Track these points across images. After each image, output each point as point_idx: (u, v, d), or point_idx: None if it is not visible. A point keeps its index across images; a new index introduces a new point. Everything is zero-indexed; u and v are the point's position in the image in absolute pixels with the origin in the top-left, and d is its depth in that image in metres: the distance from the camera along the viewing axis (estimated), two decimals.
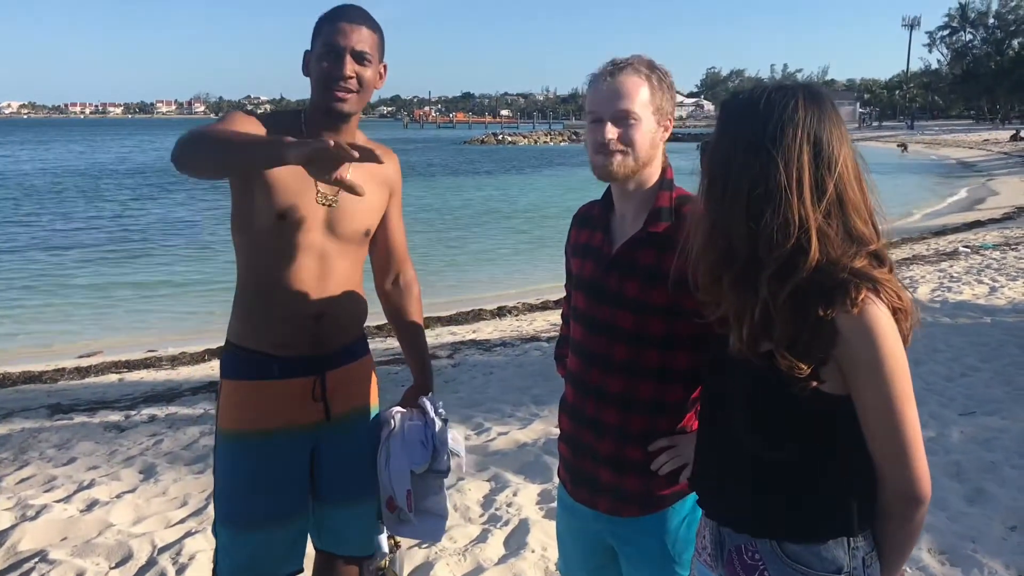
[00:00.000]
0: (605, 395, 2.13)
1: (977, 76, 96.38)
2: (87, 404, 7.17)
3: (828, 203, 1.59)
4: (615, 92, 2.05)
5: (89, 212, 27.78)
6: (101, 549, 4.03)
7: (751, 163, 1.59)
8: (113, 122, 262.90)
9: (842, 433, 1.62)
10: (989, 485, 4.37)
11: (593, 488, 2.19)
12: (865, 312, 1.54)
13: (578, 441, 2.22)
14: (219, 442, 2.49)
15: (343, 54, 2.34)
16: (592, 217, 2.28)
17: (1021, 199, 23.66)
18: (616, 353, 2.11)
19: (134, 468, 5.21)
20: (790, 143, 1.57)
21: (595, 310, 2.16)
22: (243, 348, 2.46)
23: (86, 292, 14.84)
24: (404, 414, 2.65)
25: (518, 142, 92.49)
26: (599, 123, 2.06)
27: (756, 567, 1.68)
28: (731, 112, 1.67)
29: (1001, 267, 11.62)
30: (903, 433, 1.58)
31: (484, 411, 6.25)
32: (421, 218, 26.18)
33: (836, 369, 1.57)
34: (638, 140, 2.05)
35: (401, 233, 2.74)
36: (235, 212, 2.44)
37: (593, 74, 2.11)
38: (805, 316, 1.56)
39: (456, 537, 4.05)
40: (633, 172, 2.09)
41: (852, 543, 1.65)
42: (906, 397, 1.58)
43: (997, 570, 3.52)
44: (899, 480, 1.60)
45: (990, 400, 5.78)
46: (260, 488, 2.44)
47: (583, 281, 2.22)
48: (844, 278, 1.56)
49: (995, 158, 44.09)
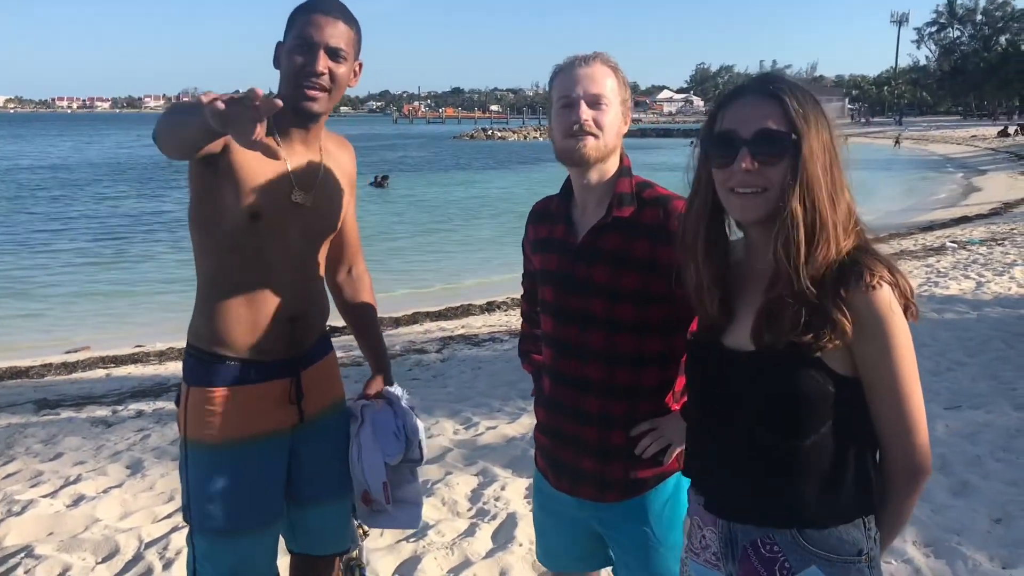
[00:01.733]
0: (584, 383, 2.16)
1: (965, 72, 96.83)
2: (74, 399, 7.14)
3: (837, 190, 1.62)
4: (589, 77, 2.11)
5: (74, 207, 27.64)
6: (88, 544, 4.02)
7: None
8: (101, 116, 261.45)
9: (852, 414, 1.64)
10: (974, 478, 4.39)
11: (576, 476, 2.21)
12: (879, 292, 1.57)
13: (559, 431, 2.24)
14: (189, 452, 2.36)
15: (316, 49, 2.23)
16: (550, 212, 2.30)
17: (1008, 195, 23.79)
18: (591, 341, 2.13)
19: (121, 463, 5.19)
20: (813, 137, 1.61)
21: (565, 300, 2.18)
22: (211, 353, 2.33)
23: (72, 288, 14.79)
24: (370, 406, 2.62)
25: (507, 137, 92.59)
26: (571, 107, 2.10)
27: (776, 559, 1.66)
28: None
29: (987, 262, 11.69)
30: (911, 409, 1.63)
31: (472, 406, 6.26)
32: (410, 213, 26.19)
33: (845, 349, 1.60)
34: (607, 125, 2.11)
35: (355, 226, 2.70)
36: (198, 210, 2.31)
37: (560, 65, 2.18)
38: (822, 300, 1.58)
39: (444, 531, 4.05)
40: (601, 157, 2.13)
41: (867, 523, 1.66)
42: (914, 374, 1.62)
43: (981, 562, 3.54)
44: (906, 455, 1.65)
45: (975, 394, 5.81)
46: (241, 499, 2.35)
47: (549, 274, 2.24)
48: (857, 260, 1.59)
49: (983, 154, 44.32)
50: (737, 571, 1.73)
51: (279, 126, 2.30)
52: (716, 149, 1.66)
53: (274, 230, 2.30)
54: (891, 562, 3.57)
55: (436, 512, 4.31)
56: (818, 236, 1.58)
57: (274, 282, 2.34)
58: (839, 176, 1.63)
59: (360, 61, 2.40)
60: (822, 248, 1.58)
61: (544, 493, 2.37)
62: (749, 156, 1.60)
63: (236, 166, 2.21)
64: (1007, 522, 3.91)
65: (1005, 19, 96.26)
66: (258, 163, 2.23)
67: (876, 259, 1.61)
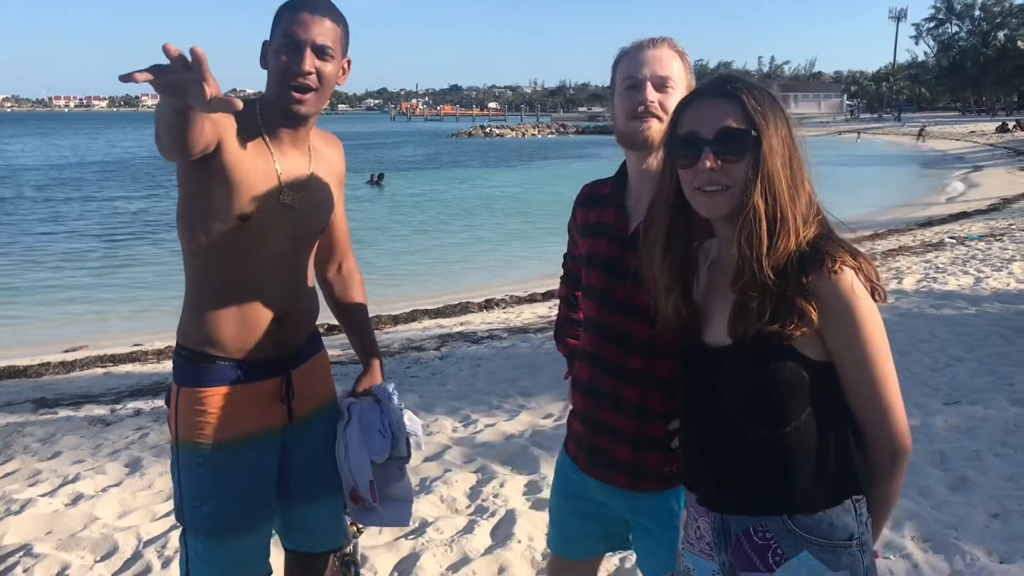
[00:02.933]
0: (624, 373, 2.15)
1: (963, 68, 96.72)
2: (72, 398, 7.13)
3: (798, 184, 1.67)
4: (656, 59, 2.10)
5: (73, 205, 27.63)
6: (86, 542, 4.02)
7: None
8: (98, 115, 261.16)
9: (829, 398, 1.67)
10: (972, 473, 4.40)
11: (610, 464, 2.20)
12: (842, 276, 1.61)
13: (595, 418, 2.22)
14: (181, 453, 2.37)
15: (303, 48, 2.20)
16: (602, 196, 2.28)
17: (1006, 190, 23.79)
18: (636, 332, 2.11)
19: (119, 462, 5.19)
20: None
21: (613, 288, 2.16)
22: (201, 353, 2.33)
23: (70, 286, 14.77)
24: (356, 403, 2.61)
25: (505, 135, 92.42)
26: (636, 88, 2.09)
27: (768, 546, 1.70)
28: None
29: (986, 258, 11.68)
30: (885, 389, 1.66)
31: (471, 403, 6.25)
32: (407, 211, 26.17)
33: (816, 335, 1.64)
34: (672, 109, 2.04)
35: (345, 222, 2.69)
36: (186, 210, 2.30)
37: (626, 47, 2.17)
38: (786, 288, 1.62)
39: (443, 528, 4.05)
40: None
41: (857, 508, 1.69)
42: (886, 354, 1.66)
43: (979, 557, 3.54)
44: (885, 435, 1.68)
45: (974, 389, 5.82)
46: (234, 499, 2.34)
47: (597, 259, 2.22)
48: (819, 247, 1.63)
49: (981, 150, 44.30)
50: (731, 559, 1.76)
51: (267, 127, 2.29)
52: (680, 151, 1.71)
53: (263, 231, 2.29)
54: (889, 557, 3.57)
55: (435, 509, 4.31)
56: (779, 228, 1.63)
57: (263, 282, 2.34)
58: (799, 170, 1.69)
59: (348, 58, 2.37)
60: (783, 239, 1.63)
61: (569, 478, 2.35)
62: (712, 155, 1.65)
63: (227, 167, 2.19)
64: (1005, 517, 3.91)
65: (1003, 15, 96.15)
66: (248, 163, 2.23)
67: (838, 245, 1.65)
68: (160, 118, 1.97)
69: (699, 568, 1.84)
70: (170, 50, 1.66)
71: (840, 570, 1.66)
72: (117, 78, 1.66)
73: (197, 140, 2.03)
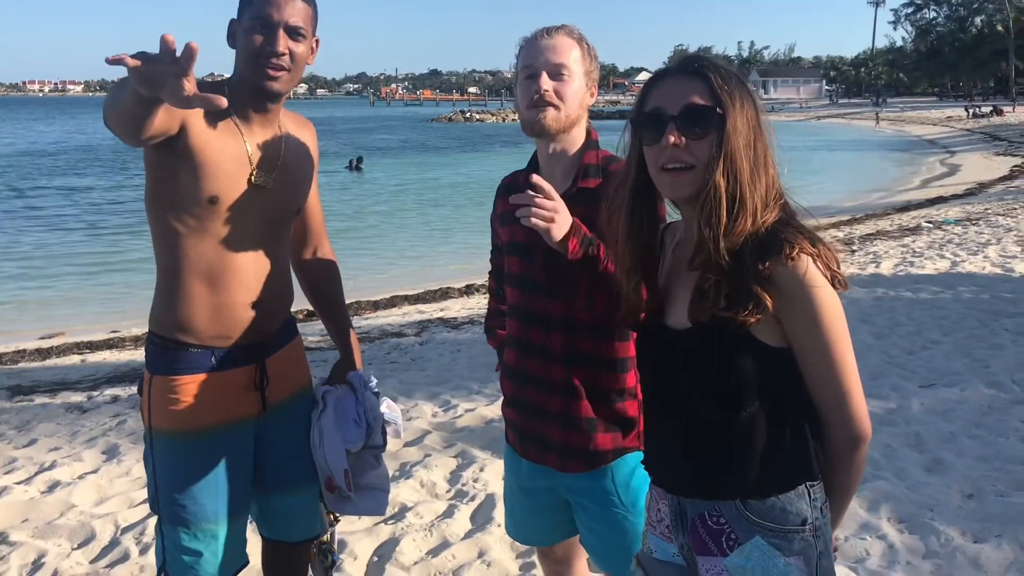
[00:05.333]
0: (548, 353, 2.19)
1: (941, 54, 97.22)
2: (48, 385, 7.07)
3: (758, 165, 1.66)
4: (551, 48, 2.14)
5: (46, 191, 27.31)
6: (63, 530, 3.99)
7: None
8: (73, 100, 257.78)
9: (785, 385, 1.67)
10: (947, 455, 4.44)
11: (542, 446, 2.26)
12: (800, 263, 1.60)
13: (526, 401, 2.27)
14: (155, 442, 2.34)
15: (276, 29, 2.18)
16: (518, 185, 2.31)
17: (982, 175, 23.99)
18: (554, 312, 2.17)
19: (96, 449, 5.15)
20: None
21: (530, 271, 2.21)
22: (173, 340, 2.30)
23: (45, 273, 14.61)
24: (332, 392, 2.59)
25: (486, 120, 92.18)
26: (533, 77, 2.13)
27: (722, 531, 1.71)
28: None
29: (962, 242, 11.77)
30: (844, 376, 1.65)
31: (451, 388, 6.25)
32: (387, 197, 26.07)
33: (774, 321, 1.63)
34: (569, 96, 2.13)
35: (319, 207, 2.66)
36: (154, 193, 2.26)
37: (526, 36, 2.21)
38: (743, 274, 1.61)
39: (422, 513, 4.05)
40: (563, 128, 2.14)
41: (812, 494, 1.69)
42: (845, 341, 1.65)
43: (953, 537, 3.58)
44: (843, 422, 1.67)
45: (950, 372, 5.87)
46: (209, 488, 2.32)
47: (516, 245, 2.27)
48: (778, 233, 1.62)
49: (958, 135, 44.61)
50: (687, 542, 1.78)
51: (237, 107, 2.26)
52: (645, 128, 1.70)
53: (234, 213, 2.26)
54: (866, 538, 3.61)
55: (415, 494, 4.31)
56: (738, 208, 1.61)
57: (235, 266, 2.30)
58: (763, 152, 1.67)
59: (317, 37, 2.35)
60: (741, 219, 1.62)
61: (514, 466, 2.42)
62: (677, 131, 1.64)
63: (194, 148, 2.16)
64: (979, 497, 3.96)
65: (980, 0, 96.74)
66: (217, 144, 2.20)
67: (797, 231, 1.64)
68: (120, 104, 1.93)
69: (660, 550, 1.86)
70: (168, 41, 1.63)
71: (792, 555, 1.66)
72: (104, 60, 1.63)
73: (148, 129, 2.00)
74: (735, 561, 1.69)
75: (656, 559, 1.87)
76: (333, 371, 2.69)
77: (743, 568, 1.68)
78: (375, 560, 3.66)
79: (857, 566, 3.42)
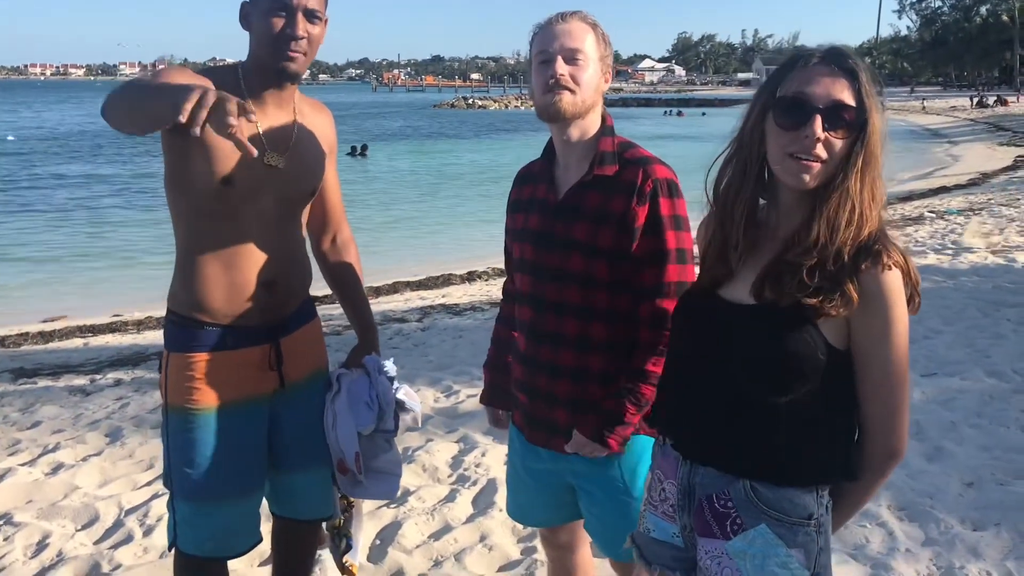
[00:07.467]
0: (561, 340, 2.19)
1: (946, 43, 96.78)
2: (51, 368, 7.09)
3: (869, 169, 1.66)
4: (566, 33, 2.13)
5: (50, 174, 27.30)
6: (67, 511, 4.01)
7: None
8: (75, 84, 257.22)
9: (834, 386, 1.67)
10: (948, 444, 4.46)
11: (551, 430, 2.26)
12: (892, 274, 1.62)
13: (534, 386, 2.28)
14: (171, 418, 2.38)
15: (295, 12, 2.19)
16: (533, 173, 2.33)
17: (986, 165, 23.93)
18: (568, 297, 2.17)
19: (100, 431, 5.17)
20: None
21: (544, 258, 2.21)
22: (190, 319, 2.33)
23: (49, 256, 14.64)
24: (347, 375, 2.61)
25: (488, 106, 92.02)
26: (548, 62, 2.12)
27: (728, 514, 1.72)
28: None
29: (965, 232, 11.75)
30: (898, 390, 1.67)
31: (453, 374, 6.26)
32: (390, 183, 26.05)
33: (844, 323, 1.64)
34: (584, 81, 2.12)
35: (338, 192, 2.68)
36: (171, 174, 2.30)
37: (540, 23, 2.19)
38: (840, 268, 1.62)
39: (424, 497, 4.07)
40: (579, 113, 2.14)
41: (820, 491, 1.71)
42: (907, 359, 1.67)
43: (953, 525, 3.60)
44: (885, 436, 1.69)
45: (951, 362, 5.88)
46: (223, 464, 2.35)
47: (529, 232, 2.26)
48: (878, 239, 1.64)
49: (962, 124, 44.49)
50: (691, 523, 1.79)
51: (251, 88, 2.28)
52: (783, 113, 1.66)
53: (248, 194, 2.27)
54: (866, 525, 3.63)
55: (417, 478, 4.33)
56: (861, 213, 1.63)
57: (250, 247, 2.32)
58: (882, 160, 1.68)
59: (326, 17, 2.35)
60: (860, 225, 1.63)
61: (519, 448, 2.43)
62: (822, 124, 1.62)
63: (206, 132, 2.17)
64: (979, 486, 3.97)
65: None
66: None
67: (894, 244, 1.66)
68: (143, 109, 1.98)
69: (659, 529, 1.87)
70: (232, 110, 1.79)
71: (795, 547, 1.68)
72: (178, 121, 1.79)
73: (159, 129, 2.06)
74: (737, 545, 1.70)
75: (652, 538, 1.89)
76: (351, 355, 2.72)
77: (744, 553, 1.69)
78: (377, 543, 3.68)
79: (857, 553, 3.44)
